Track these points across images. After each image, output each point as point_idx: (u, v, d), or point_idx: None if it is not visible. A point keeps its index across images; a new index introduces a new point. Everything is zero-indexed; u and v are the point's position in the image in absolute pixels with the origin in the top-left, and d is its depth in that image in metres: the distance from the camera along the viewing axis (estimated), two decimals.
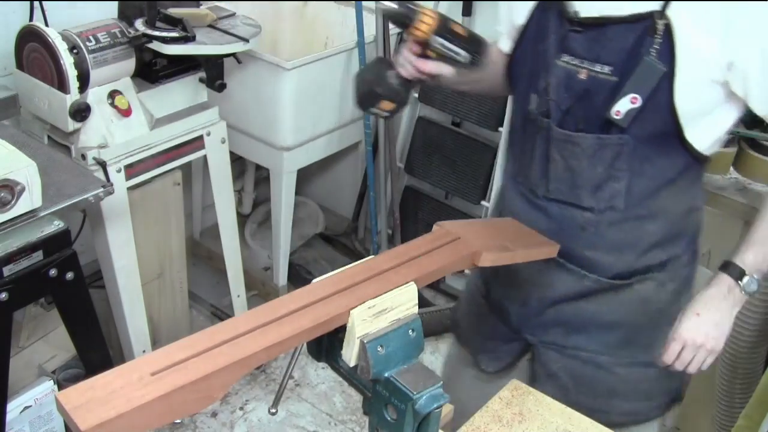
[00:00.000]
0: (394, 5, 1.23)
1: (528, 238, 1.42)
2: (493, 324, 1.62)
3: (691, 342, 1.33)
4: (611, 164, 1.32)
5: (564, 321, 1.51)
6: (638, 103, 1.25)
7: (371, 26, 2.72)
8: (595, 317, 1.48)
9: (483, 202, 2.83)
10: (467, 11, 2.73)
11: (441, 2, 2.77)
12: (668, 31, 1.22)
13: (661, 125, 1.28)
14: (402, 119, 2.94)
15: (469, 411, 1.60)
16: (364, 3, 2.67)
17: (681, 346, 1.34)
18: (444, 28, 1.26)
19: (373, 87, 1.33)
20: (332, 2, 3.01)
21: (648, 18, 1.23)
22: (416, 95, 2.89)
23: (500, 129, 2.71)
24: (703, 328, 1.32)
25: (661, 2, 1.22)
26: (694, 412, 2.28)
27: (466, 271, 2.96)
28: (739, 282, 1.32)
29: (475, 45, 1.31)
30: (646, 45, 1.24)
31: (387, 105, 1.34)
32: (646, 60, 1.23)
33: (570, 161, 1.35)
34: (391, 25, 2.76)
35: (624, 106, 1.25)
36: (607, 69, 1.28)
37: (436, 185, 2.95)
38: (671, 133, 1.29)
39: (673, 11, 1.22)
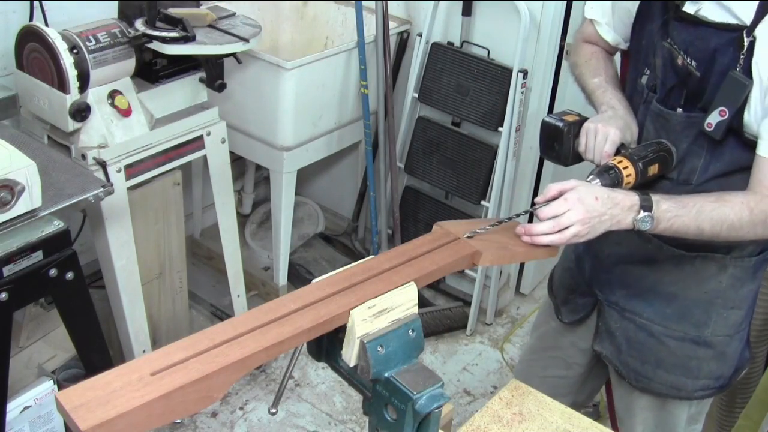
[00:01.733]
0: (598, 183, 1.38)
1: None
2: (575, 276, 1.73)
3: (578, 210, 1.29)
4: (694, 141, 1.42)
5: (628, 283, 1.60)
6: (726, 116, 1.33)
7: (371, 26, 2.72)
8: (656, 285, 1.56)
9: (483, 202, 2.84)
10: (467, 11, 2.73)
11: (441, 2, 2.77)
12: (751, 47, 1.30)
13: (730, 130, 1.36)
14: (402, 119, 2.95)
15: (540, 357, 1.88)
16: (364, 3, 2.67)
17: (565, 209, 1.30)
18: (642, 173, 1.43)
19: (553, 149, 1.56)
20: (332, 2, 3.01)
21: (736, 31, 1.31)
22: (416, 95, 2.90)
23: (500, 129, 2.71)
24: (590, 214, 1.29)
25: (752, 19, 1.29)
26: None
27: (467, 271, 2.97)
28: (640, 211, 1.32)
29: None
30: (728, 55, 1.32)
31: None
32: (732, 75, 1.31)
33: (660, 133, 1.46)
34: (391, 25, 2.76)
35: (714, 118, 1.35)
36: (693, 63, 1.38)
37: (436, 185, 2.95)
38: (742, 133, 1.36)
39: (761, 31, 1.29)
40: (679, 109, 1.43)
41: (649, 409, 1.67)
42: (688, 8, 1.38)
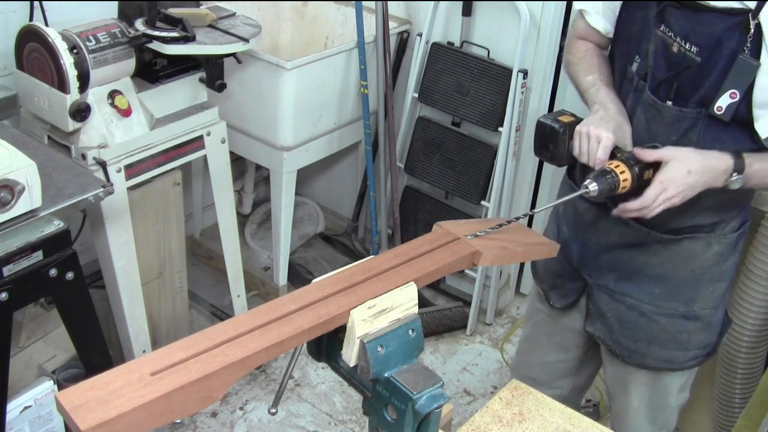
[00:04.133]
0: (596, 188, 1.40)
1: (528, 237, 1.42)
2: (561, 262, 1.75)
3: (669, 190, 1.37)
4: (684, 134, 1.45)
5: (617, 267, 1.63)
6: (737, 98, 1.35)
7: (371, 26, 2.72)
8: (645, 268, 1.60)
9: (483, 202, 2.84)
10: (467, 11, 2.73)
11: (441, 2, 2.77)
12: (758, 29, 1.32)
13: (737, 112, 1.38)
14: (402, 119, 2.95)
15: (538, 344, 1.91)
16: (364, 3, 2.67)
17: (661, 189, 1.38)
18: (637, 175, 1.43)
19: (547, 149, 1.57)
20: (332, 2, 3.01)
21: (741, 14, 1.33)
22: (416, 95, 2.90)
23: (500, 129, 2.71)
24: (683, 186, 1.37)
25: (757, 3, 1.31)
26: (694, 412, 2.28)
27: (467, 271, 2.97)
28: (733, 174, 1.38)
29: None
30: (734, 39, 1.34)
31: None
32: (741, 58, 1.33)
33: (651, 124, 1.48)
34: (391, 25, 2.76)
35: (725, 101, 1.37)
36: (694, 49, 1.38)
37: (436, 185, 2.95)
38: (743, 121, 1.39)
39: (765, 14, 1.31)
40: (669, 102, 1.44)
41: (643, 384, 1.73)
42: None
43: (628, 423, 1.80)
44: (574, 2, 1.69)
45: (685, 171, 1.37)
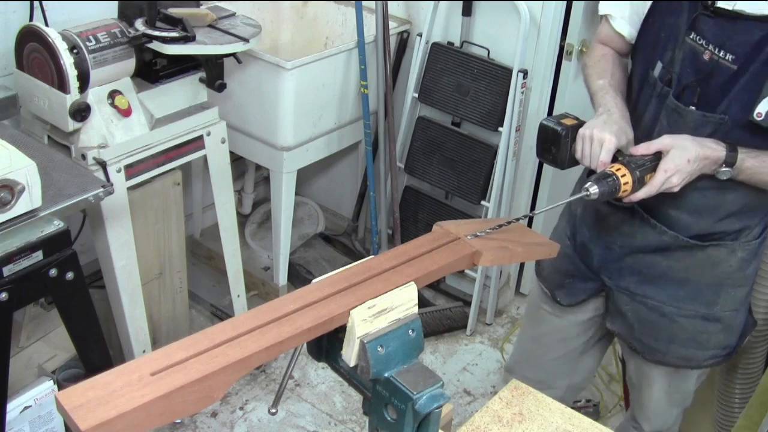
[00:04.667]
0: (597, 190, 1.41)
1: (528, 237, 1.42)
2: (575, 263, 1.77)
3: (673, 179, 1.41)
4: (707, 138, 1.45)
5: (639, 270, 1.65)
6: None
7: (371, 26, 2.72)
8: (668, 272, 1.62)
9: (483, 202, 2.84)
10: (467, 11, 2.73)
11: (441, 2, 2.77)
12: None
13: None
14: (402, 119, 2.95)
15: (542, 342, 1.92)
16: (364, 3, 2.67)
17: (666, 178, 1.41)
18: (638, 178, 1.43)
19: (550, 152, 1.56)
20: (332, 2, 3.01)
21: None
22: (416, 95, 2.90)
23: (500, 129, 2.71)
24: (685, 174, 1.41)
25: None
26: (694, 412, 2.28)
27: (467, 271, 2.97)
28: (723, 165, 1.42)
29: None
30: None
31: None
32: None
33: (673, 128, 1.48)
34: (391, 25, 2.76)
35: (764, 107, 1.37)
36: (729, 57, 1.39)
37: (436, 185, 2.95)
38: None
39: None
40: (692, 107, 1.45)
41: (665, 377, 1.77)
42: (724, 4, 1.39)
43: (650, 408, 1.84)
44: (599, 6, 1.68)
45: (685, 160, 1.40)
